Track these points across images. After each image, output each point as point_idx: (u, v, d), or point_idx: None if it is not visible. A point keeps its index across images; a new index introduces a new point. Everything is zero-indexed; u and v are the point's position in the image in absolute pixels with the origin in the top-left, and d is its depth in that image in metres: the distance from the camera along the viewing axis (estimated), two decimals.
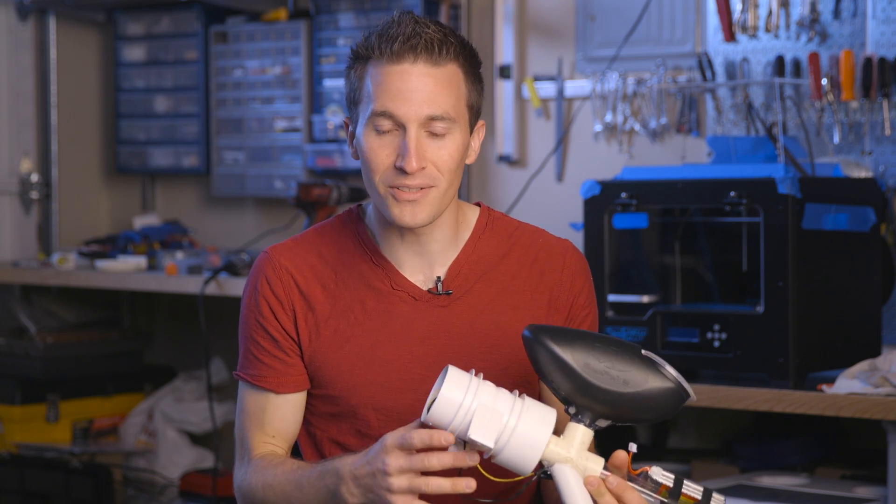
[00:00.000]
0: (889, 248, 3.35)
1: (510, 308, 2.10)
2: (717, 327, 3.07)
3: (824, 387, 2.93)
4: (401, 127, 1.98)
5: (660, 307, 3.21)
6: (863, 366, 2.95)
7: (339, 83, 4.40)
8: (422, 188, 1.99)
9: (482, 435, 1.74)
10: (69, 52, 4.90)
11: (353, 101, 2.04)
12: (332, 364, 2.07)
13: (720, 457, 3.60)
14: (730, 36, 3.61)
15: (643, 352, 1.82)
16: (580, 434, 1.80)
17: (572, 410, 1.82)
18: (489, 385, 1.79)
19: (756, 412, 3.33)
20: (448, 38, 2.00)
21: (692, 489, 1.81)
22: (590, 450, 1.84)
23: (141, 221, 4.82)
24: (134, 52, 4.86)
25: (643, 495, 1.81)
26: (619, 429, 3.94)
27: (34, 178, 4.83)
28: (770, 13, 3.58)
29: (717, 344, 3.07)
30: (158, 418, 4.62)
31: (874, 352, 3.16)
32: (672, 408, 1.82)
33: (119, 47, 4.88)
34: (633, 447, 1.83)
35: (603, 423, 1.82)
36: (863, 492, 3.10)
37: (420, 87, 1.97)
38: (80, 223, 4.94)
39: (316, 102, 4.46)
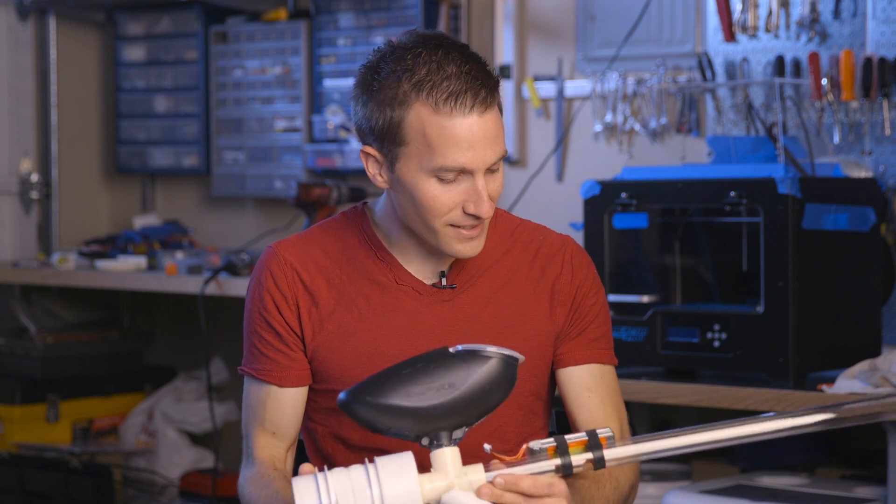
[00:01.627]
0: (889, 248, 3.35)
1: (513, 301, 2.11)
2: (717, 327, 3.07)
3: (824, 387, 2.93)
4: (465, 173, 1.98)
5: (660, 307, 3.21)
6: (863, 366, 2.95)
7: (340, 83, 4.40)
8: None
9: None
10: (69, 52, 4.90)
11: (388, 137, 1.99)
12: (335, 358, 2.08)
13: (720, 457, 3.60)
14: (730, 36, 3.61)
15: (451, 350, 1.78)
16: (447, 456, 1.76)
17: (426, 441, 1.78)
18: (338, 472, 1.74)
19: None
20: (490, 71, 1.99)
21: (575, 437, 1.78)
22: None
23: (141, 221, 4.82)
24: (134, 52, 4.86)
25: (539, 470, 1.78)
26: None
27: (34, 178, 4.83)
28: (770, 13, 3.58)
29: (717, 344, 3.07)
30: (158, 418, 4.62)
31: (874, 352, 3.16)
32: (509, 378, 1.77)
33: (119, 47, 4.88)
34: (486, 447, 1.80)
35: (460, 433, 1.78)
36: (863, 492, 3.10)
37: (486, 135, 1.96)
38: (80, 223, 4.94)
39: (316, 102, 4.46)
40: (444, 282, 2.10)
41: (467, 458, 1.81)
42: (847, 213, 3.10)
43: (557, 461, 1.78)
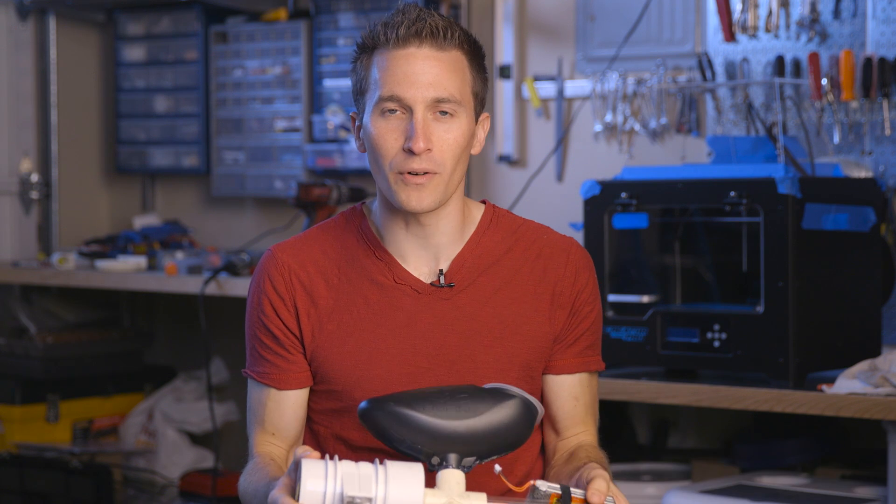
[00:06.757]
0: (889, 248, 3.35)
1: (513, 301, 2.11)
2: (717, 327, 3.07)
3: (824, 387, 2.93)
4: (408, 110, 2.02)
5: (660, 307, 3.21)
6: (863, 366, 2.95)
7: (340, 83, 4.40)
8: (426, 173, 2.02)
9: None
10: (69, 52, 4.90)
11: (359, 92, 2.08)
12: (335, 359, 2.09)
13: (720, 457, 3.60)
14: (730, 36, 3.61)
15: (486, 386, 1.84)
16: (453, 479, 1.77)
17: (436, 461, 1.79)
18: (347, 463, 1.75)
19: (756, 412, 3.33)
20: (452, 26, 2.05)
21: (578, 492, 1.82)
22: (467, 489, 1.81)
23: (141, 221, 4.82)
24: (134, 52, 4.86)
25: None
26: (619, 432, 3.93)
27: (34, 178, 4.83)
28: (770, 13, 3.58)
29: (717, 344, 3.07)
30: (158, 418, 4.62)
31: (874, 352, 3.16)
32: (528, 424, 1.81)
33: (119, 47, 4.88)
34: (497, 468, 1.82)
35: (470, 462, 1.79)
36: (863, 492, 3.10)
37: (426, 70, 2.02)
38: (80, 223, 4.94)
39: (316, 102, 4.46)
40: (442, 280, 2.10)
41: (472, 486, 1.81)
42: (847, 213, 3.10)
43: None
